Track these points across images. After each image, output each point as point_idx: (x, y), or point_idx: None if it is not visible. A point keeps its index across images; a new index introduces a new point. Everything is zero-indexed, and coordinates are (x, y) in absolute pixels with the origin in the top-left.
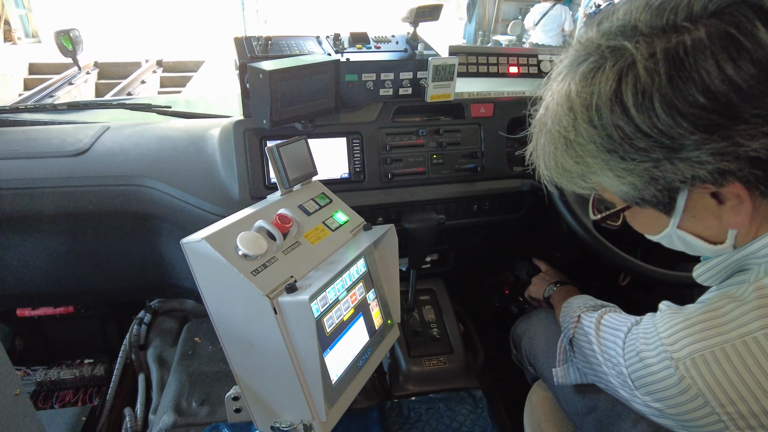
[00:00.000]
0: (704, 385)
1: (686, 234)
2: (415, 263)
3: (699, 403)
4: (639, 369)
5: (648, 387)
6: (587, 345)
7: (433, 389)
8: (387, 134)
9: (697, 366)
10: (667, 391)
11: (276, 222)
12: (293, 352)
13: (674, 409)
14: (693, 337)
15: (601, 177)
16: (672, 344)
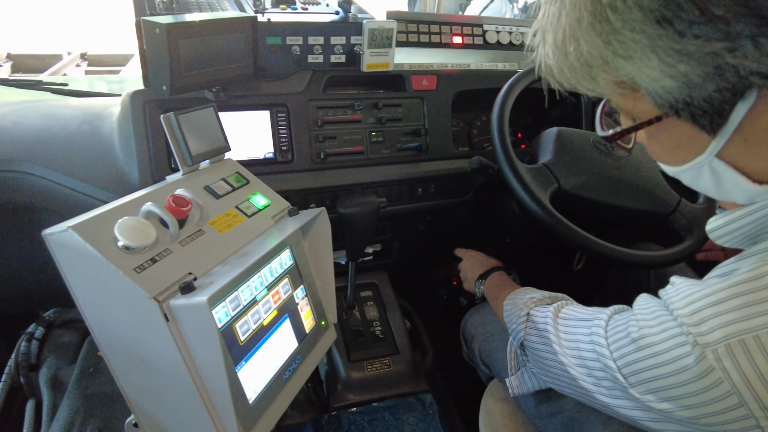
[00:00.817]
0: (742, 380)
1: (725, 166)
2: (353, 254)
3: (730, 404)
4: (638, 359)
5: (652, 383)
6: (544, 347)
7: (377, 397)
8: (318, 108)
9: (733, 355)
10: (684, 387)
11: (169, 205)
12: (193, 367)
13: (690, 411)
14: (727, 316)
15: (637, 65)
16: (697, 324)
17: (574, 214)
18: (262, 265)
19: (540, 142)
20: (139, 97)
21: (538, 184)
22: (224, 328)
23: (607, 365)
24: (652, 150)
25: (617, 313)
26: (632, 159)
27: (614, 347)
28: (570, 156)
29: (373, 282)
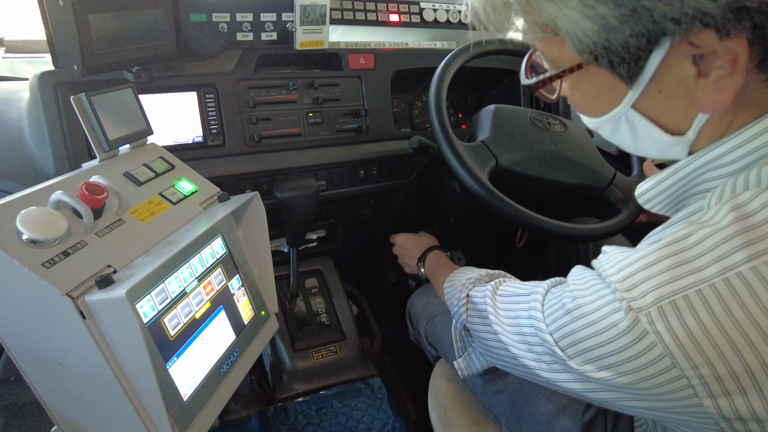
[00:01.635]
0: (674, 342)
1: (641, 117)
2: (294, 241)
3: (663, 366)
4: (574, 330)
5: (589, 352)
6: (485, 327)
7: (325, 384)
8: (249, 88)
9: (665, 317)
10: (620, 353)
11: (82, 194)
12: (117, 367)
13: (628, 377)
14: (658, 278)
15: (558, 6)
16: (629, 289)
17: (513, 190)
18: (191, 254)
19: (478, 120)
20: (48, 79)
21: (476, 161)
22: (151, 323)
23: (545, 339)
24: (573, 101)
25: (554, 287)
26: (568, 134)
27: (550, 320)
28: (507, 132)
29: (317, 269)
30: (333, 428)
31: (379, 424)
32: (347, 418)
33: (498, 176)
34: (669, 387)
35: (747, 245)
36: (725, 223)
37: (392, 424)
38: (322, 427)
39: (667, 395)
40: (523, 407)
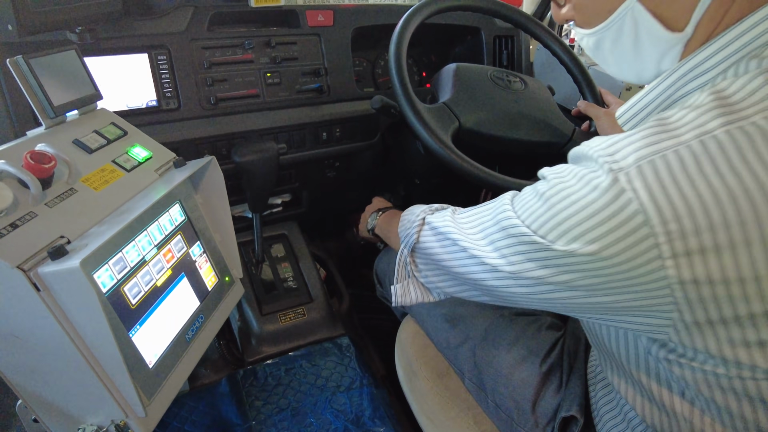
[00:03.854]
0: (648, 197)
1: (645, 11)
2: (256, 206)
3: (636, 224)
4: (555, 212)
5: (574, 229)
6: (439, 242)
7: (293, 346)
8: (204, 48)
9: (643, 174)
10: (599, 216)
11: (27, 163)
12: (78, 338)
13: (596, 244)
14: (639, 143)
15: None
16: (612, 154)
17: (476, 150)
18: (148, 222)
19: (439, 79)
20: None
21: (439, 123)
22: (110, 292)
23: (521, 233)
24: (580, 3)
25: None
26: (529, 91)
27: (525, 214)
28: (469, 92)
29: (282, 233)
30: (302, 387)
31: (348, 381)
32: (316, 377)
33: (461, 137)
34: (638, 249)
35: (723, 114)
36: (704, 102)
37: (360, 380)
38: (291, 387)
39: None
40: (484, 359)
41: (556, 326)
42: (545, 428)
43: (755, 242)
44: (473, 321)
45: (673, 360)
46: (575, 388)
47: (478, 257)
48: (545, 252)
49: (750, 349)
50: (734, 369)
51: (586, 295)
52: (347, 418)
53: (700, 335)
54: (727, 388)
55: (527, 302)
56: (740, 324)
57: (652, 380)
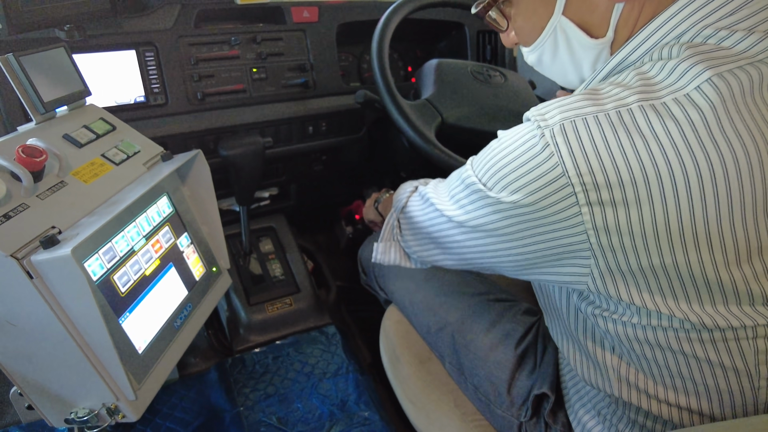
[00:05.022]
0: (567, 151)
1: (570, 24)
2: (243, 199)
3: (556, 174)
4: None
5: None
6: (419, 206)
7: (280, 335)
8: (190, 45)
9: (564, 131)
10: (525, 166)
11: (19, 156)
12: (70, 324)
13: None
14: (567, 107)
15: None
16: (543, 114)
17: (459, 144)
18: (136, 213)
19: (421, 75)
20: None
21: (423, 120)
22: (101, 280)
23: (471, 183)
24: (517, 25)
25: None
26: (509, 85)
27: (477, 166)
28: (450, 88)
29: (270, 226)
30: (289, 374)
31: (334, 368)
32: (303, 365)
33: (445, 132)
34: (557, 196)
35: (640, 92)
36: (630, 80)
37: (346, 367)
38: (279, 374)
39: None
40: (462, 343)
41: (531, 311)
42: (520, 408)
43: (656, 200)
44: (452, 307)
45: (599, 314)
46: (547, 367)
47: (445, 214)
48: (486, 199)
49: (653, 296)
50: (645, 317)
51: (518, 243)
52: (333, 403)
53: (613, 283)
54: (642, 339)
55: (481, 258)
56: (643, 272)
57: (588, 338)
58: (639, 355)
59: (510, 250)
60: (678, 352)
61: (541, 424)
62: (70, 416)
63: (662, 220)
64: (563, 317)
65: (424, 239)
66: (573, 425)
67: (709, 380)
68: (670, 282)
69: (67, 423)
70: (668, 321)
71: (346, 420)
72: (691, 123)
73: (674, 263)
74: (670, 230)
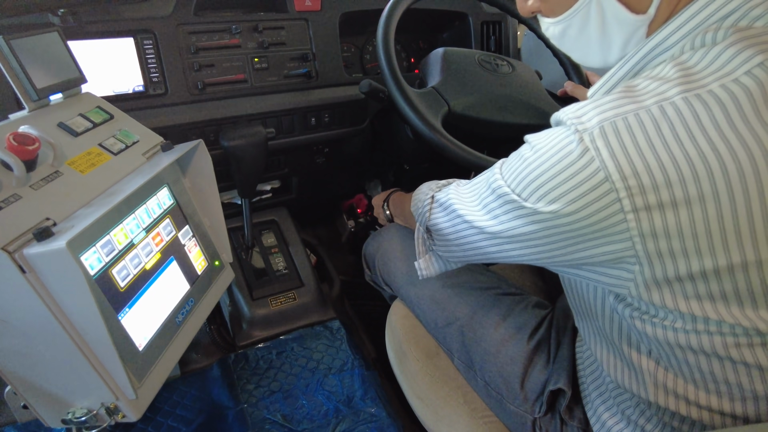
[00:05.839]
0: (609, 154)
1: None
2: (245, 191)
3: (598, 180)
4: (529, 171)
5: (542, 187)
6: (446, 218)
7: (284, 330)
8: (190, 33)
9: (605, 134)
10: (563, 174)
11: (10, 145)
12: (66, 320)
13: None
14: (604, 107)
15: None
16: (579, 117)
17: (465, 134)
18: (136, 205)
19: (427, 64)
20: None
21: (429, 108)
22: (99, 274)
23: (503, 193)
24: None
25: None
26: (516, 75)
27: (507, 175)
28: (457, 77)
29: (272, 219)
30: (294, 370)
31: (339, 363)
32: (307, 360)
33: (451, 121)
34: (601, 203)
35: (682, 83)
36: (668, 73)
37: (351, 362)
38: (283, 370)
39: (599, 222)
40: (472, 338)
41: (542, 305)
42: (534, 403)
43: (708, 199)
44: (460, 301)
45: (637, 317)
46: (563, 362)
47: (477, 225)
48: (522, 210)
49: (702, 303)
50: (690, 323)
51: (557, 253)
52: (339, 400)
53: (658, 290)
54: (684, 345)
55: (517, 260)
56: (692, 278)
57: (623, 341)
58: (680, 360)
59: (550, 258)
60: (725, 358)
61: (557, 420)
62: (68, 416)
63: (715, 219)
64: (596, 318)
65: (456, 247)
66: (591, 422)
67: (758, 386)
68: (721, 286)
69: (65, 423)
70: (717, 326)
71: (353, 416)
72: (741, 109)
73: (729, 265)
74: (725, 229)
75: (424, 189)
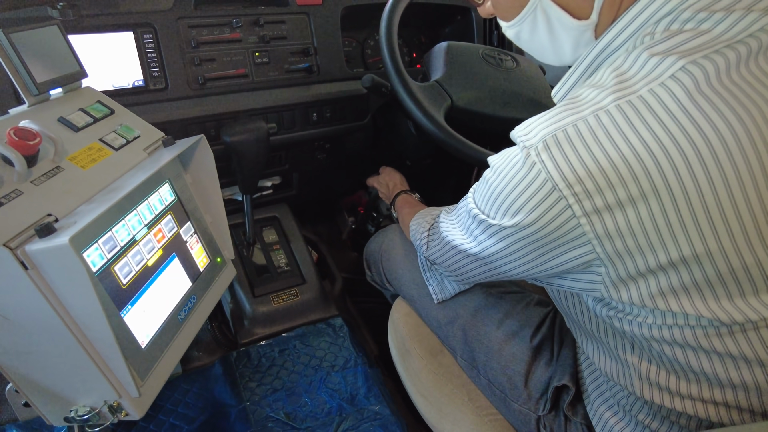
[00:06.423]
0: (553, 165)
1: (553, 4)
2: (247, 187)
3: (547, 190)
4: (490, 191)
5: (501, 204)
6: (440, 248)
7: (286, 327)
8: (190, 27)
9: (548, 148)
10: (517, 189)
11: (11, 139)
12: (69, 317)
13: (528, 215)
14: (547, 122)
15: None
16: (526, 134)
17: (468, 129)
18: (137, 201)
19: (431, 58)
20: None
21: (432, 102)
22: (101, 271)
23: (475, 215)
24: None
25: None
26: (520, 70)
27: (477, 198)
28: (460, 71)
29: (273, 216)
30: (297, 368)
31: (342, 360)
32: (310, 357)
33: (453, 116)
34: (554, 212)
35: (616, 91)
36: (605, 80)
37: (354, 359)
38: (285, 368)
39: (557, 230)
40: (475, 337)
41: (544, 303)
42: (539, 401)
43: (650, 195)
44: (462, 300)
45: (613, 315)
46: (566, 358)
47: (463, 249)
48: (492, 228)
49: (666, 297)
50: (659, 318)
51: (531, 264)
52: (342, 397)
53: (625, 288)
54: (659, 338)
55: (513, 276)
56: (653, 273)
57: (609, 339)
58: (660, 353)
59: (529, 271)
60: (697, 349)
61: (560, 417)
62: (70, 414)
63: (660, 214)
64: (583, 321)
65: (453, 274)
66: (591, 418)
67: (733, 373)
68: (680, 279)
69: (67, 421)
70: (684, 319)
71: (356, 414)
72: (668, 110)
73: (681, 257)
74: (670, 223)
75: (423, 219)
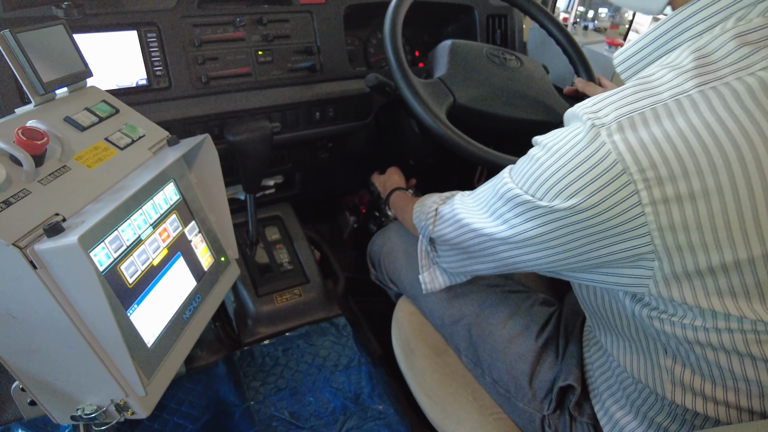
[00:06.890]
0: (626, 148)
1: None
2: (250, 186)
3: (615, 173)
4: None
5: (556, 184)
6: (451, 227)
7: (290, 326)
8: (194, 26)
9: (622, 129)
10: (578, 169)
11: (19, 139)
12: (76, 316)
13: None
14: (621, 102)
15: None
16: (596, 112)
17: (471, 127)
18: (143, 200)
19: (434, 55)
20: None
21: (434, 98)
22: (107, 270)
23: (514, 195)
24: None
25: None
26: (524, 70)
27: (518, 178)
28: (464, 69)
29: (276, 215)
30: (300, 367)
31: (346, 359)
32: (314, 357)
33: (455, 114)
34: (618, 197)
35: (698, 75)
36: (684, 62)
37: (358, 359)
38: (289, 367)
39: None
40: (479, 336)
41: (549, 302)
42: (543, 400)
43: (726, 190)
44: (467, 299)
45: (655, 316)
46: (571, 358)
47: (486, 233)
48: (536, 210)
49: (722, 298)
50: (710, 320)
51: (573, 253)
52: (346, 396)
53: (678, 286)
54: (704, 342)
55: (537, 267)
56: (713, 273)
57: (641, 336)
58: (699, 357)
59: (565, 261)
60: (745, 355)
61: (566, 416)
62: (77, 413)
63: (734, 211)
64: (608, 317)
65: (469, 257)
66: (600, 418)
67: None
68: (742, 280)
69: (74, 420)
70: (737, 323)
71: (361, 413)
72: (761, 105)
73: (750, 258)
74: (744, 221)
75: (427, 202)
